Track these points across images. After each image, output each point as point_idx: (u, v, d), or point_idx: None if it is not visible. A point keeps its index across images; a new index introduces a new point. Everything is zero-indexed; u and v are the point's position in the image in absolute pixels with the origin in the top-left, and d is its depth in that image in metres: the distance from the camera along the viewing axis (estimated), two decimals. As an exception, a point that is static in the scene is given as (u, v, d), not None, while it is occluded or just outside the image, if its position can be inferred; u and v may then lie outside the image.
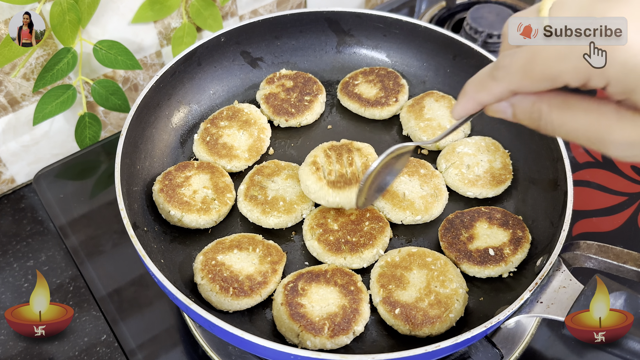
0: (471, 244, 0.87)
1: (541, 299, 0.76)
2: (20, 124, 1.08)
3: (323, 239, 0.87)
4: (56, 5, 0.94)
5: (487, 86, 0.57)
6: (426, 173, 0.94)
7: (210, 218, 0.90)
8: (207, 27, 1.18)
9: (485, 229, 0.88)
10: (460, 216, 0.90)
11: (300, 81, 1.09)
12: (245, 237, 0.87)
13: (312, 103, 1.06)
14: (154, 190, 0.92)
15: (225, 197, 0.92)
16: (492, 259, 0.85)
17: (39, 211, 1.10)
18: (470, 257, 0.85)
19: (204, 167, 0.95)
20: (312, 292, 0.80)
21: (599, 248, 0.79)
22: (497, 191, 0.95)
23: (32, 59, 1.01)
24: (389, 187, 0.90)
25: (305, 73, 1.10)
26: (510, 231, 0.87)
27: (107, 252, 1.01)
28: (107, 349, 0.92)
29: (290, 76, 1.09)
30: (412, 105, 1.05)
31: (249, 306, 0.82)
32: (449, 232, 0.89)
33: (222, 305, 0.80)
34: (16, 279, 1.00)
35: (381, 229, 0.88)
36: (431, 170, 0.96)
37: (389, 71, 1.11)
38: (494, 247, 0.86)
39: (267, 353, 0.71)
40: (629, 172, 1.12)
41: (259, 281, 0.82)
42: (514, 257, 0.85)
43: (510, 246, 0.86)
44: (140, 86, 1.20)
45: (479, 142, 0.99)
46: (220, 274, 0.81)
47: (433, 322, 0.78)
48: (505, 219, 0.89)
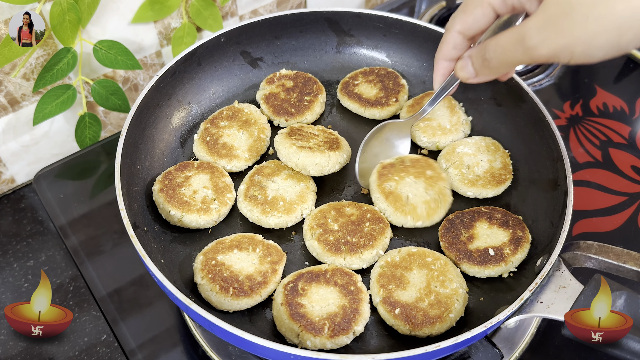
0: (471, 244, 0.87)
1: (541, 299, 0.76)
2: (20, 124, 1.08)
3: (323, 239, 0.87)
4: (56, 5, 0.94)
5: (443, 41, 0.74)
6: (432, 175, 0.92)
7: (210, 218, 0.90)
8: (207, 27, 1.18)
9: (485, 229, 0.88)
10: (460, 216, 0.90)
11: (300, 81, 1.09)
12: (245, 237, 0.87)
13: (312, 103, 1.06)
14: (154, 190, 0.92)
15: (225, 197, 0.92)
16: (492, 258, 0.85)
17: (39, 211, 1.10)
18: (471, 257, 0.85)
19: (204, 167, 0.95)
20: (312, 292, 0.80)
21: (599, 248, 0.79)
22: (497, 191, 0.95)
23: (32, 59, 1.01)
24: (393, 190, 0.90)
25: (305, 73, 1.10)
26: (510, 231, 0.87)
27: (107, 252, 1.01)
28: (107, 349, 0.92)
29: (290, 76, 1.09)
30: (412, 105, 1.05)
31: (249, 306, 0.82)
32: (449, 232, 0.89)
33: (222, 305, 0.80)
34: (16, 279, 1.00)
35: (381, 230, 0.88)
36: (438, 172, 0.93)
37: (389, 71, 1.11)
38: (494, 247, 0.86)
39: (267, 353, 0.71)
40: (629, 172, 1.12)
41: (259, 281, 0.82)
42: (514, 257, 0.85)
43: (510, 246, 0.86)
44: (140, 86, 1.20)
45: (479, 142, 0.99)
46: (220, 274, 0.81)
47: (433, 322, 0.78)
48: (506, 219, 0.89)
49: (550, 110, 1.21)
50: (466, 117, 1.05)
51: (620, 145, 1.17)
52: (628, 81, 1.29)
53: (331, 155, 0.92)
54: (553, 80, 1.28)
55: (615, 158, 1.15)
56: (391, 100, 1.06)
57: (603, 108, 1.23)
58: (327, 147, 0.94)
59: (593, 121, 1.21)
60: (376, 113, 1.06)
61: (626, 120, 1.21)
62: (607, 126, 1.20)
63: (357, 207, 0.91)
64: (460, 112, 1.04)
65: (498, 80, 1.02)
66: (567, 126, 1.20)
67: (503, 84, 1.02)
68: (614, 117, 1.21)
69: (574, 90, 1.27)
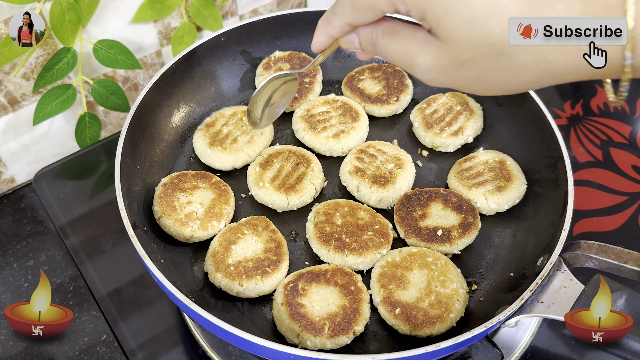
0: (422, 221, 0.89)
1: (542, 299, 0.76)
2: (20, 124, 1.08)
3: (320, 226, 0.88)
4: (56, 4, 0.94)
5: (331, 21, 0.66)
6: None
7: (183, 234, 0.87)
8: (207, 27, 1.18)
9: (439, 209, 0.91)
10: (418, 194, 0.93)
11: (296, 62, 1.09)
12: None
13: (312, 85, 1.08)
14: (162, 181, 0.92)
15: (209, 224, 0.88)
16: (438, 238, 0.87)
17: (39, 211, 1.10)
18: (419, 234, 0.88)
19: (217, 185, 0.93)
20: (313, 292, 0.80)
21: (600, 248, 0.79)
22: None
23: (32, 59, 1.01)
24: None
25: (299, 53, 1.11)
26: (462, 216, 0.89)
27: (107, 252, 1.01)
28: (107, 349, 0.92)
29: (286, 58, 1.10)
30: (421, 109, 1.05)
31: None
32: (404, 207, 0.91)
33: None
34: (16, 279, 1.00)
35: (379, 244, 0.86)
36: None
37: (396, 69, 1.11)
38: (443, 228, 0.88)
39: (267, 353, 0.71)
40: (629, 171, 1.12)
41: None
42: (459, 240, 0.87)
43: (459, 229, 0.88)
44: (140, 86, 1.20)
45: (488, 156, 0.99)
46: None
47: (433, 322, 0.78)
48: (460, 204, 0.91)
49: (551, 110, 1.21)
50: (481, 124, 1.04)
51: (621, 145, 1.17)
52: (629, 81, 1.28)
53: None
54: (553, 79, 1.28)
55: (615, 158, 1.14)
56: (392, 99, 1.06)
57: (604, 108, 1.23)
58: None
59: (594, 121, 1.21)
60: (375, 110, 1.06)
61: (627, 120, 1.21)
62: (608, 126, 1.20)
63: (371, 215, 0.90)
64: (478, 115, 1.03)
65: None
66: (567, 126, 1.20)
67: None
68: (615, 116, 1.21)
69: (574, 90, 1.27)
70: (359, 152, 0.97)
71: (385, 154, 0.97)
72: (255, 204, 0.95)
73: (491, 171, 0.95)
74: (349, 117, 1.02)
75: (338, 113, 1.03)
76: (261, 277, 0.82)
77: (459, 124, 1.01)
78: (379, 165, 0.95)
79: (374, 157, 0.96)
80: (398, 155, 0.97)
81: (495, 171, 0.95)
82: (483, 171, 0.95)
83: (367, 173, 0.94)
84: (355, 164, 0.95)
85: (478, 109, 1.04)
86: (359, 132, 1.01)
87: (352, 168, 0.95)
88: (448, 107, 1.03)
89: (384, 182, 0.93)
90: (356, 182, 0.94)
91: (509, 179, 0.93)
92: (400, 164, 0.95)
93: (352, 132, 1.00)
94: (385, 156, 0.96)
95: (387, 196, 0.92)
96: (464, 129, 1.01)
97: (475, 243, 0.90)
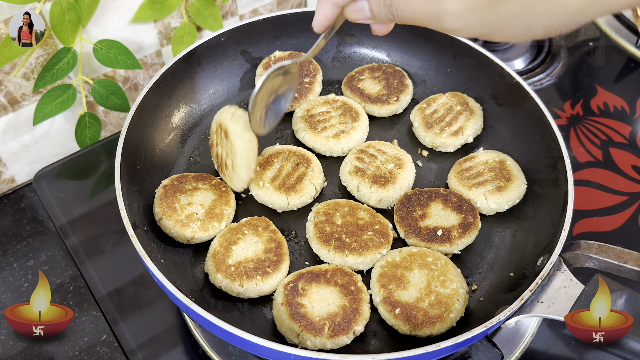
0: (422, 221, 0.89)
1: (542, 299, 0.76)
2: (20, 124, 1.08)
3: (320, 226, 0.88)
4: (56, 4, 0.94)
5: None
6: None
7: (184, 235, 0.87)
8: (207, 27, 1.18)
9: (439, 209, 0.91)
10: (418, 194, 0.93)
11: None
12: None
13: (312, 84, 1.08)
14: (162, 183, 0.92)
15: (210, 225, 0.88)
16: (438, 238, 0.87)
17: (39, 211, 1.10)
18: (419, 234, 0.88)
19: (218, 186, 0.93)
20: (313, 292, 0.80)
21: (600, 248, 0.79)
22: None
23: (32, 59, 1.01)
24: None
25: (299, 53, 1.11)
26: (462, 216, 0.89)
27: (107, 252, 1.01)
28: (107, 349, 0.92)
29: (285, 58, 1.10)
30: (421, 109, 1.05)
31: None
32: (404, 206, 0.91)
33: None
34: (16, 279, 1.00)
35: (378, 244, 0.86)
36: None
37: (397, 69, 1.11)
38: (443, 228, 0.88)
39: (267, 353, 0.71)
40: (629, 171, 1.12)
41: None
42: (459, 240, 0.87)
43: (459, 229, 0.88)
44: (140, 86, 1.20)
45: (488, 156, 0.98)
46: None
47: (433, 322, 0.78)
48: (460, 204, 0.91)
49: (551, 110, 1.21)
50: (481, 124, 1.04)
51: (621, 144, 1.17)
52: (628, 81, 1.28)
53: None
54: (554, 79, 1.28)
55: (615, 158, 1.14)
56: (392, 99, 1.06)
57: (604, 107, 1.23)
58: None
59: (594, 121, 1.21)
60: (375, 110, 1.06)
61: (627, 119, 1.21)
62: (608, 126, 1.20)
63: (371, 215, 0.90)
64: (478, 115, 1.03)
65: (498, 80, 1.02)
66: (567, 126, 1.20)
67: (504, 84, 1.02)
68: (615, 116, 1.21)
69: (574, 90, 1.27)
70: (359, 152, 0.97)
71: (386, 154, 0.97)
72: (255, 204, 0.95)
73: (491, 171, 0.95)
74: (349, 117, 1.02)
75: (338, 113, 1.03)
76: (262, 277, 0.82)
77: (459, 124, 1.01)
78: (379, 165, 0.95)
79: (374, 157, 0.96)
80: (398, 155, 0.97)
81: (495, 171, 0.95)
82: (483, 171, 0.95)
83: (367, 173, 0.94)
84: (355, 164, 0.95)
85: (478, 109, 1.04)
86: (359, 132, 1.01)
87: (352, 168, 0.95)
88: (448, 107, 1.03)
89: (384, 182, 0.93)
90: (356, 182, 0.94)
91: (509, 179, 0.93)
92: (400, 164, 0.95)
93: (352, 132, 1.00)
94: (385, 156, 0.97)
95: (387, 196, 0.92)
96: (464, 129, 1.01)
97: (475, 243, 0.90)
